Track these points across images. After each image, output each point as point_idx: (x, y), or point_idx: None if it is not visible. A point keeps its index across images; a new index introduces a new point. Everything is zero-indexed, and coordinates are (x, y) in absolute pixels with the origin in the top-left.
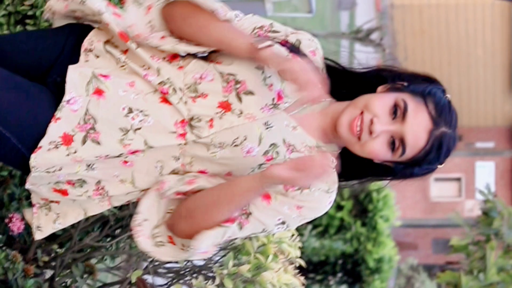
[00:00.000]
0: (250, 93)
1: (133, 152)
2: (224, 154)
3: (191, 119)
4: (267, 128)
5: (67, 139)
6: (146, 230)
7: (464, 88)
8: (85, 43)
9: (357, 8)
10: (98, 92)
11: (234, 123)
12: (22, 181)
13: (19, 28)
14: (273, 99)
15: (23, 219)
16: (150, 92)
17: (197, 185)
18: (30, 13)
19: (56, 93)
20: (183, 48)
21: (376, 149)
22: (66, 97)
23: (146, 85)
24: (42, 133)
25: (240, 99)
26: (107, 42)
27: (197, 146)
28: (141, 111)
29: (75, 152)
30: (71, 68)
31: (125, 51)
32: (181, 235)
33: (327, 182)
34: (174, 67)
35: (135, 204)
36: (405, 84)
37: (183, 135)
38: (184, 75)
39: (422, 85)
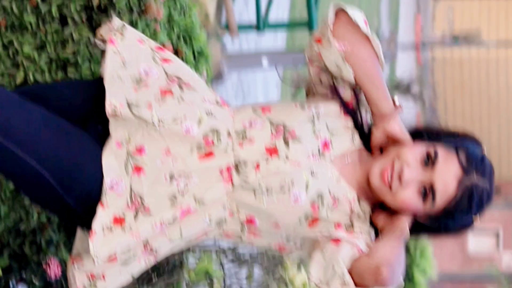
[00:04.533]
0: (298, 140)
1: (185, 213)
2: (272, 202)
3: (237, 164)
4: (313, 176)
5: (119, 221)
6: None
7: (503, 142)
8: (108, 109)
9: (398, 60)
10: (137, 169)
11: (280, 167)
12: (60, 227)
13: (60, 74)
14: (319, 148)
15: (60, 264)
16: (187, 153)
17: None
18: (72, 60)
19: (97, 139)
20: None
21: (407, 197)
22: (107, 183)
23: (183, 146)
24: (85, 187)
25: (287, 145)
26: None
27: (244, 192)
28: (183, 174)
29: (130, 227)
30: (105, 153)
31: (164, 91)
32: None
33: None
34: (226, 112)
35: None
36: (438, 137)
37: (230, 180)
38: (234, 122)
39: (457, 139)
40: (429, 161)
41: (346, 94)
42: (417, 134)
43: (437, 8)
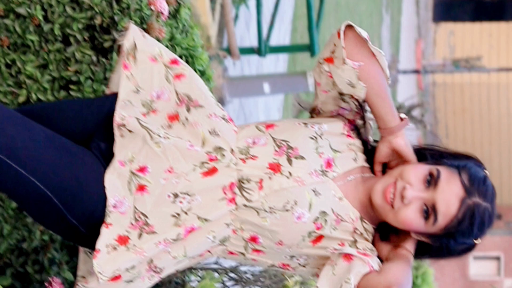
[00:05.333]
0: (301, 157)
1: (189, 231)
2: (275, 220)
3: (241, 180)
4: (316, 195)
5: (123, 240)
6: None
7: (505, 167)
8: (117, 118)
9: (399, 85)
10: (141, 188)
11: (283, 184)
12: (63, 246)
13: (63, 93)
14: (322, 165)
15: (63, 284)
16: (190, 170)
17: None
18: (74, 78)
19: (100, 158)
20: None
21: (409, 216)
22: (110, 202)
23: (186, 164)
24: (89, 206)
25: (290, 162)
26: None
27: (248, 211)
28: (186, 193)
29: (134, 245)
30: (108, 173)
31: (171, 117)
32: None
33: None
34: (230, 128)
35: None
36: (440, 158)
37: (232, 200)
38: (238, 140)
39: (459, 160)
40: (432, 180)
41: (351, 113)
42: (421, 154)
43: (438, 33)
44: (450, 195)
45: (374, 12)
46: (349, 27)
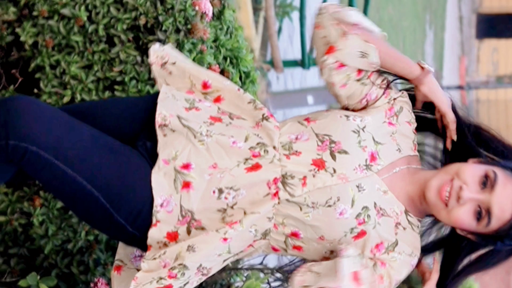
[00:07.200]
0: (345, 152)
1: (234, 223)
2: (317, 215)
3: (284, 176)
4: (359, 190)
5: (173, 236)
6: None
7: None
8: (158, 118)
9: None
10: (186, 185)
11: (327, 182)
12: (108, 247)
13: (107, 94)
14: (366, 159)
15: (108, 284)
16: (234, 166)
17: None
18: (119, 79)
19: (146, 156)
20: None
21: (462, 216)
22: (157, 201)
23: (229, 160)
24: (136, 205)
25: (334, 158)
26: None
27: (290, 205)
28: (231, 188)
29: (184, 240)
30: (154, 172)
31: (214, 118)
32: None
33: (410, 246)
34: (272, 125)
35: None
36: (498, 159)
37: (276, 194)
38: (280, 135)
39: None
40: (488, 182)
41: (378, 91)
42: (477, 137)
43: (481, 49)
44: (506, 199)
45: (417, 28)
46: (318, 15)
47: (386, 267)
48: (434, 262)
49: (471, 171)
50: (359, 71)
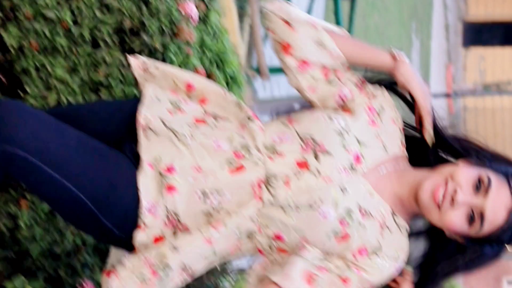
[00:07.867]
0: (328, 153)
1: (217, 225)
2: (300, 218)
3: (268, 178)
4: (343, 192)
5: (159, 240)
6: None
7: None
8: (140, 120)
9: None
10: (170, 188)
11: (311, 184)
12: (95, 250)
13: (93, 97)
14: (351, 161)
15: (95, 286)
16: (217, 168)
17: None
18: (104, 81)
19: (133, 159)
20: None
21: (455, 219)
22: (144, 205)
23: (212, 162)
24: (122, 208)
25: (317, 159)
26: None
27: (274, 208)
28: (216, 191)
29: (169, 243)
30: (141, 176)
31: (198, 120)
32: None
33: (396, 249)
34: (256, 126)
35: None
36: (488, 161)
37: (259, 196)
38: (264, 137)
39: (505, 166)
40: (482, 186)
41: (354, 88)
42: (465, 149)
43: (468, 58)
44: (499, 204)
45: (403, 36)
46: (265, 20)
47: (360, 272)
48: (404, 274)
49: (465, 173)
50: (325, 70)
